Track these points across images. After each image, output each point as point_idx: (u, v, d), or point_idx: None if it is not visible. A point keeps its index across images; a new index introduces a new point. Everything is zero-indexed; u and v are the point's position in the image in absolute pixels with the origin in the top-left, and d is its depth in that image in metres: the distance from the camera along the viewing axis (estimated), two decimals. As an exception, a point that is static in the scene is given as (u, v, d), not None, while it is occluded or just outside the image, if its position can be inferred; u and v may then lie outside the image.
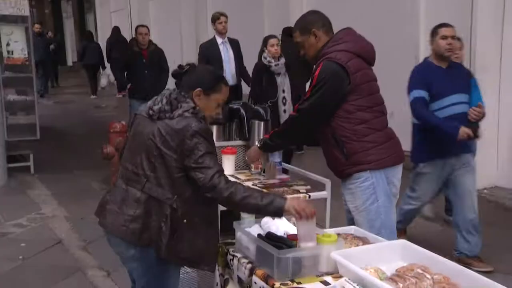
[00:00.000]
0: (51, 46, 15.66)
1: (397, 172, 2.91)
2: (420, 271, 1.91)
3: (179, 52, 11.89)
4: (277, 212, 2.27)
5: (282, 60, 5.52)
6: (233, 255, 2.43)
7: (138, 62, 7.13)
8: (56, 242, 4.74)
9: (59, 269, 4.23)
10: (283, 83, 5.51)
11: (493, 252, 4.34)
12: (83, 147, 8.50)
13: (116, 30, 13.84)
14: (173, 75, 2.52)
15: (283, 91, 5.49)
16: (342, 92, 2.73)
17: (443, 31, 3.80)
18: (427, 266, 2.04)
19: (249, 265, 2.29)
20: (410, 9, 6.38)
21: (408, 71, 4.03)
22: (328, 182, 2.89)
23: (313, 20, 2.89)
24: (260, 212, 2.35)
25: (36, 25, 14.01)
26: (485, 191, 5.78)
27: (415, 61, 6.33)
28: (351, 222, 2.91)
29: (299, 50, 2.96)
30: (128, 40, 14.34)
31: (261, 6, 9.32)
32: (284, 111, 5.38)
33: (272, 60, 5.43)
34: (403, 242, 2.26)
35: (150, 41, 7.34)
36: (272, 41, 5.50)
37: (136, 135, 2.44)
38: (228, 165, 3.23)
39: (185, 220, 2.33)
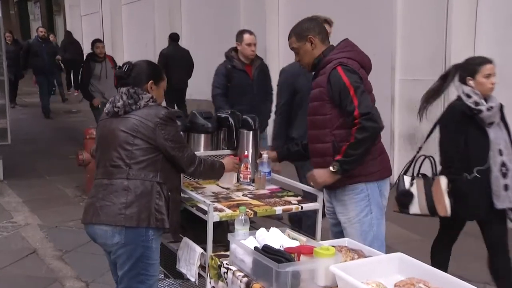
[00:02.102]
0: (58, 57, 12.95)
1: (387, 185, 2.92)
2: (423, 286, 1.91)
3: (153, 56, 11.74)
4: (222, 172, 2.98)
5: (495, 100, 3.27)
6: (227, 268, 2.38)
7: (243, 82, 5.05)
8: (30, 252, 4.59)
9: (34, 281, 4.09)
10: (500, 139, 3.21)
11: (470, 261, 4.41)
12: (54, 153, 8.31)
13: (68, 34, 15.17)
14: (117, 76, 2.80)
15: (500, 152, 3.18)
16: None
17: None
18: (426, 279, 2.04)
19: (245, 279, 2.25)
20: (387, 22, 6.47)
21: (384, 81, 4.04)
22: (320, 194, 2.87)
23: (310, 27, 2.89)
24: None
25: (41, 28, 12.15)
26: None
27: (391, 71, 6.45)
28: (338, 235, 2.88)
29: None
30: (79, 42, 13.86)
31: (238, 11, 9.31)
32: (506, 187, 3.16)
33: (483, 102, 3.18)
34: (400, 255, 2.25)
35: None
36: (489, 67, 3.26)
37: (105, 137, 2.67)
38: (229, 175, 3.17)
39: (169, 193, 2.63)
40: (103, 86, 7.75)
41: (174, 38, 9.05)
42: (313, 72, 2.96)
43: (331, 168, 2.71)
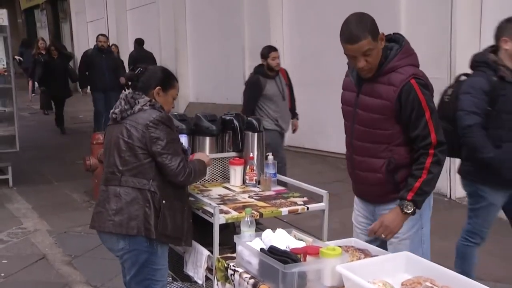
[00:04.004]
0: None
1: (431, 196, 2.64)
2: (429, 285, 1.90)
3: (158, 61, 11.80)
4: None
5: None
6: (234, 270, 2.38)
7: None
8: (40, 258, 4.61)
9: (44, 286, 4.11)
10: None
11: (479, 259, 4.38)
12: (62, 159, 8.34)
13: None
14: (128, 78, 2.77)
15: None
16: None
17: None
18: (433, 278, 2.03)
19: (252, 280, 2.25)
20: (391, 21, 6.45)
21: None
22: (325, 194, 2.86)
23: (375, 22, 2.42)
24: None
25: (101, 37, 9.56)
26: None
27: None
28: None
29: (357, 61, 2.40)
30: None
31: (242, 14, 9.32)
32: None
33: None
34: (406, 254, 2.25)
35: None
36: None
37: (107, 143, 2.71)
38: (236, 176, 3.20)
39: (164, 201, 2.59)
40: (277, 110, 5.51)
41: (139, 42, 11.04)
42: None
43: (404, 210, 2.41)
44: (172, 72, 2.86)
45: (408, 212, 2.41)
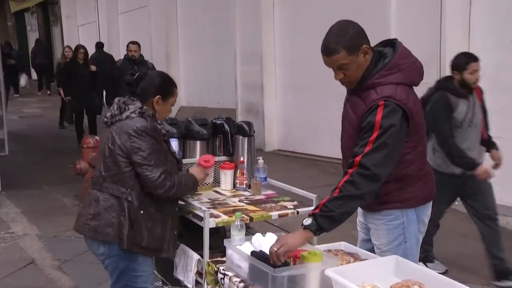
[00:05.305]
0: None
1: (427, 209, 2.56)
2: (418, 288, 1.92)
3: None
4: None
5: None
6: (224, 274, 2.39)
7: None
8: (29, 262, 4.57)
9: (33, 291, 4.09)
10: None
11: (469, 263, 4.41)
12: (53, 163, 8.30)
13: (38, 41, 18.20)
14: (126, 83, 2.71)
15: None
16: (402, 139, 2.30)
17: None
18: (422, 282, 2.04)
19: (242, 284, 2.25)
20: (381, 26, 6.50)
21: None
22: (315, 198, 2.86)
23: (360, 33, 2.33)
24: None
25: (131, 46, 8.36)
26: (456, 203, 5.89)
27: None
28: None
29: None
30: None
31: (233, 19, 9.34)
32: None
33: None
34: (395, 257, 2.25)
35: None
36: None
37: (99, 147, 2.71)
38: (226, 180, 3.21)
39: (142, 211, 2.56)
40: (462, 141, 3.88)
41: (99, 45, 11.56)
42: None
43: (303, 222, 2.21)
44: (172, 78, 2.78)
45: (306, 224, 2.20)
